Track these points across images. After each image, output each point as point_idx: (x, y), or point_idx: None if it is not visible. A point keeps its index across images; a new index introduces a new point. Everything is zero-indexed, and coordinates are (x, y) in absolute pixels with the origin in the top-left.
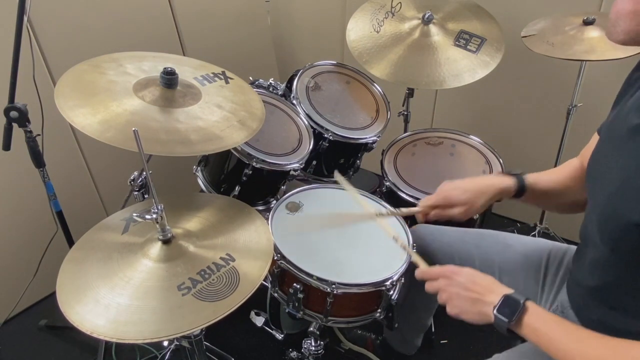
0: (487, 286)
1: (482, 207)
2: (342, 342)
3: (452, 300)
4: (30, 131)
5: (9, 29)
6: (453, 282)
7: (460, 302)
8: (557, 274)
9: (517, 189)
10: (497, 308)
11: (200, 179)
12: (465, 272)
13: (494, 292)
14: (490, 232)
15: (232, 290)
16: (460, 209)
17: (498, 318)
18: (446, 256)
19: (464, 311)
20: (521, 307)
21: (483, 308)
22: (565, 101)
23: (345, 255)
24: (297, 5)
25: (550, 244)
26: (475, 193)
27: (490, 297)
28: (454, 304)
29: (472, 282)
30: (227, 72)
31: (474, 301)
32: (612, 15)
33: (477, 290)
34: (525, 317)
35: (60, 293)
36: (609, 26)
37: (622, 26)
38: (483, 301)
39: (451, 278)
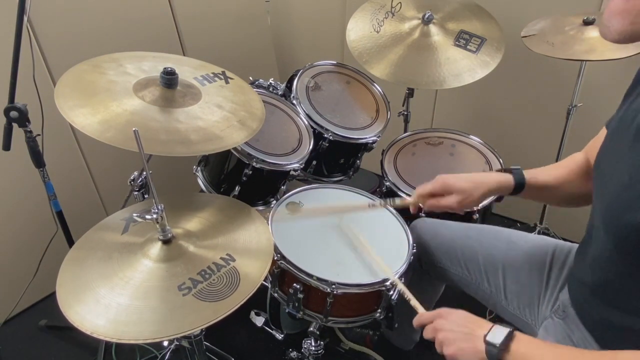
0: (478, 322)
1: (479, 200)
2: (342, 342)
3: (447, 340)
4: (30, 131)
5: (9, 29)
6: (447, 322)
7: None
8: (561, 272)
9: (515, 184)
10: (487, 336)
11: (200, 179)
12: (458, 311)
13: (483, 327)
14: (494, 228)
15: (233, 291)
16: (458, 197)
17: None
18: (449, 252)
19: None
20: (509, 333)
21: (475, 342)
22: (565, 101)
23: (345, 255)
24: (297, 5)
25: (554, 242)
26: (474, 183)
27: (480, 330)
28: (450, 343)
29: (465, 319)
30: (227, 72)
31: (467, 336)
32: (605, 14)
33: (469, 325)
34: (513, 343)
35: (60, 293)
36: (601, 26)
37: (615, 25)
38: (474, 335)
39: (445, 318)
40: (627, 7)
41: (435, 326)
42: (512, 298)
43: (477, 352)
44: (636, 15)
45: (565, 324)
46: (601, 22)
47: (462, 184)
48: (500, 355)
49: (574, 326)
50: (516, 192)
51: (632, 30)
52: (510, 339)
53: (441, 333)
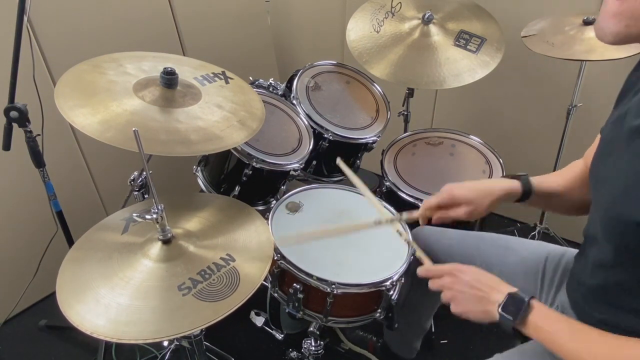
0: (493, 285)
1: (488, 209)
2: (342, 342)
3: (456, 299)
4: (30, 131)
5: (9, 29)
6: (458, 280)
7: (465, 301)
8: (554, 275)
9: (523, 191)
10: (501, 306)
11: (200, 179)
12: (470, 270)
13: (499, 291)
14: (490, 235)
15: (233, 291)
16: (466, 208)
17: (503, 316)
18: (448, 258)
19: (469, 310)
20: (525, 306)
21: (488, 307)
22: (565, 101)
23: (345, 255)
24: (297, 5)
25: (548, 247)
26: (481, 192)
27: (495, 295)
28: (459, 303)
29: (478, 281)
30: (227, 72)
31: (479, 299)
32: (599, 17)
33: (483, 288)
34: (530, 315)
35: (60, 293)
36: (597, 28)
37: (611, 28)
38: (488, 300)
39: (456, 276)
40: (622, 9)
41: (444, 284)
42: None
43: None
44: (630, 17)
45: None
46: (596, 24)
47: (469, 195)
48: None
49: None
50: (523, 199)
51: (626, 32)
52: (527, 311)
53: (450, 292)
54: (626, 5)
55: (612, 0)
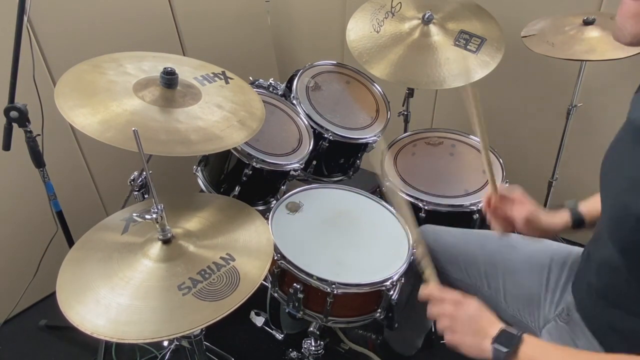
0: (489, 320)
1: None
2: (342, 342)
3: (454, 329)
4: (30, 131)
5: (9, 29)
6: (458, 311)
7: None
8: (560, 275)
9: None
10: (494, 340)
11: (200, 179)
12: (475, 303)
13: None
14: (494, 233)
15: (233, 290)
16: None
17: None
18: (451, 257)
19: (463, 342)
20: (517, 338)
21: (483, 341)
22: (565, 101)
23: (345, 255)
24: (297, 5)
25: (554, 245)
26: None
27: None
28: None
29: (479, 316)
30: (227, 72)
31: (476, 333)
32: (618, 18)
33: (482, 323)
34: (522, 346)
35: (60, 293)
36: (615, 29)
37: (629, 29)
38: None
39: (457, 307)
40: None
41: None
42: (512, 301)
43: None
44: None
45: (570, 328)
46: (615, 25)
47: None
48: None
49: (578, 330)
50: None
51: None
52: (519, 342)
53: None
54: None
55: (629, 1)
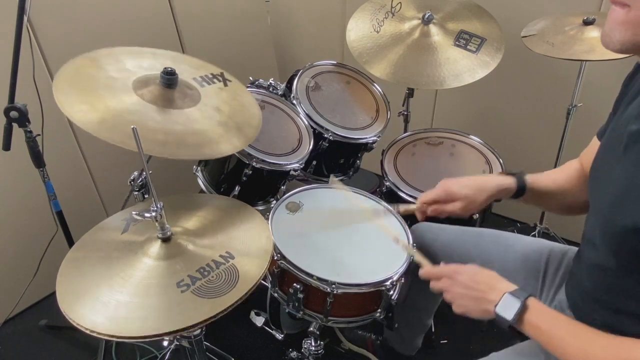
0: (489, 283)
1: (482, 204)
2: (342, 342)
3: (456, 300)
4: (30, 131)
5: (9, 29)
6: (456, 282)
7: (464, 302)
8: (556, 274)
9: (517, 188)
10: (498, 306)
11: (200, 179)
12: (467, 270)
13: (495, 290)
14: (490, 231)
15: (231, 287)
16: (461, 203)
17: (499, 316)
18: (447, 255)
19: (469, 310)
20: (521, 306)
21: (485, 306)
22: (565, 101)
23: (345, 255)
24: (297, 5)
25: (550, 244)
26: (476, 188)
27: (492, 294)
28: (459, 304)
29: (474, 281)
30: (225, 73)
31: (477, 299)
32: (606, 25)
33: (479, 288)
34: (526, 315)
35: (60, 293)
36: (603, 36)
37: (617, 36)
38: (485, 299)
39: (453, 277)
40: (629, 17)
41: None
42: None
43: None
44: (637, 26)
45: None
46: (603, 31)
47: (464, 191)
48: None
49: None
50: (517, 195)
51: (634, 40)
52: (523, 311)
53: (449, 294)
54: (633, 13)
55: (618, 8)
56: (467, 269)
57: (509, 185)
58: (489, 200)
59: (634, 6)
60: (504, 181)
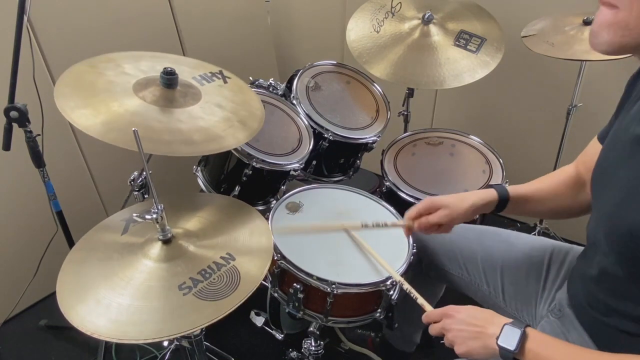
0: (487, 319)
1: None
2: (342, 342)
3: (457, 339)
4: (30, 131)
5: (9, 29)
6: (455, 321)
7: (464, 339)
8: (559, 273)
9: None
10: (499, 339)
11: (200, 179)
12: (464, 308)
13: (494, 324)
14: (493, 229)
15: (233, 289)
16: (444, 211)
17: (502, 348)
18: (449, 253)
19: (471, 348)
20: (522, 334)
21: (486, 341)
22: (565, 101)
23: (345, 255)
24: (297, 5)
25: (553, 242)
26: (457, 197)
27: (491, 328)
28: (460, 342)
29: (473, 317)
30: (224, 71)
31: (477, 335)
32: (593, 26)
33: (478, 324)
34: (527, 343)
35: (61, 293)
36: (591, 37)
37: (605, 37)
38: (485, 334)
39: (452, 316)
40: (617, 19)
41: (444, 326)
42: (510, 299)
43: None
44: (625, 27)
45: (561, 323)
46: (590, 32)
47: (446, 199)
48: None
49: (570, 325)
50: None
51: (621, 42)
52: (524, 339)
53: (450, 333)
54: (621, 15)
55: (606, 10)
56: (464, 307)
57: (490, 197)
58: (472, 209)
59: (622, 7)
60: (484, 193)
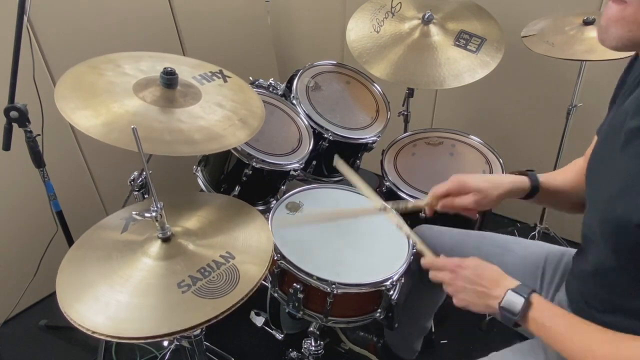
0: (493, 278)
1: (496, 201)
2: (342, 342)
3: (458, 294)
4: (30, 131)
5: (9, 29)
6: (459, 275)
7: (466, 296)
8: (554, 275)
9: (531, 187)
10: (502, 302)
11: (200, 179)
12: (471, 264)
13: (499, 286)
14: (490, 234)
15: (232, 288)
16: (475, 197)
17: (504, 313)
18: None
19: (471, 304)
20: (525, 302)
21: (489, 301)
22: (565, 101)
23: (345, 255)
24: (297, 5)
25: (548, 246)
26: (492, 183)
27: (496, 290)
28: (461, 297)
29: (478, 276)
30: (224, 70)
31: (480, 294)
32: (602, 22)
33: (483, 283)
34: (530, 311)
35: (60, 292)
36: (599, 32)
37: (614, 33)
38: (489, 295)
39: (456, 271)
40: (625, 15)
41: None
42: None
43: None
44: (633, 22)
45: None
46: (599, 28)
47: (479, 183)
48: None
49: None
50: (530, 195)
51: (630, 37)
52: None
53: (451, 287)
54: (629, 10)
55: (614, 5)
56: (470, 262)
57: (524, 185)
58: (502, 197)
59: (630, 2)
60: (518, 179)
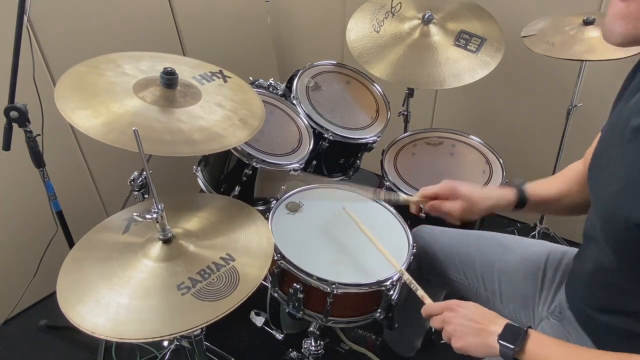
0: (489, 317)
1: (482, 212)
2: (342, 342)
3: (456, 333)
4: (30, 131)
5: (9, 29)
6: (457, 315)
7: (464, 334)
8: (555, 275)
9: (518, 201)
10: (500, 336)
11: (200, 179)
12: (468, 305)
13: (496, 323)
14: (490, 234)
15: (232, 290)
16: (461, 203)
17: (503, 346)
18: (448, 257)
19: (469, 343)
20: (523, 334)
21: (487, 338)
22: (565, 101)
23: (345, 255)
24: (297, 5)
25: (548, 246)
26: (481, 193)
27: (493, 327)
28: (459, 336)
29: (476, 314)
30: (224, 70)
31: (478, 332)
32: (607, 18)
33: (481, 321)
34: (528, 343)
35: (61, 293)
36: (604, 30)
37: (618, 29)
38: (487, 331)
39: (456, 310)
40: (629, 11)
41: (445, 319)
42: (508, 302)
43: (488, 347)
44: (638, 19)
45: (562, 325)
46: (603, 25)
47: (469, 191)
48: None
49: (570, 327)
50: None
51: (634, 33)
52: (525, 339)
53: (450, 326)
54: (633, 6)
55: (618, 2)
56: (469, 303)
57: (510, 198)
58: (488, 209)
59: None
60: (505, 193)
